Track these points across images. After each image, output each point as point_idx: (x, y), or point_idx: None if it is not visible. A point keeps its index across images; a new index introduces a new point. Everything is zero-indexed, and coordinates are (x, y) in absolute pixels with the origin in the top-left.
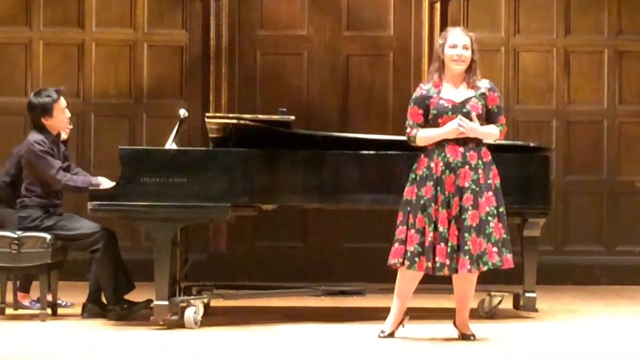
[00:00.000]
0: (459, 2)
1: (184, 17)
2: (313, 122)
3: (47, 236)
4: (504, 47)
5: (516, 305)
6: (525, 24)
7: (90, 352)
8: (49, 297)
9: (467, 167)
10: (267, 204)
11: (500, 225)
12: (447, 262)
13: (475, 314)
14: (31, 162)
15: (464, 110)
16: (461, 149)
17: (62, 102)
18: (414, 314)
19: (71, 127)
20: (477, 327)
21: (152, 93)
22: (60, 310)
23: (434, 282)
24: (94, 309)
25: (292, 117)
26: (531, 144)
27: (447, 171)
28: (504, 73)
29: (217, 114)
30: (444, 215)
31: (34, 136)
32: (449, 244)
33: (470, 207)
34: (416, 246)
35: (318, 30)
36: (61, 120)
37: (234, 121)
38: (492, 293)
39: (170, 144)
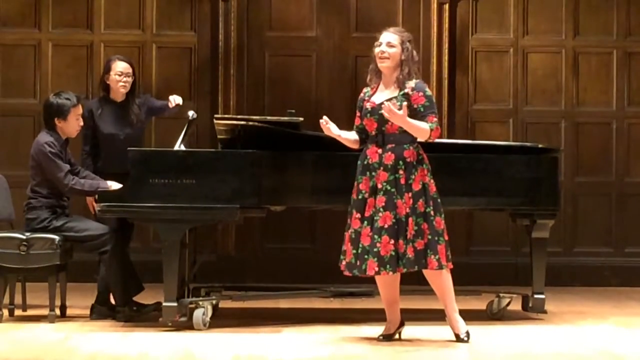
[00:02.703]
0: (468, 4)
1: (192, 19)
2: None
3: (56, 237)
4: (512, 48)
5: (525, 306)
6: (534, 25)
7: (99, 353)
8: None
9: (382, 168)
10: (276, 205)
11: (425, 226)
12: (358, 263)
13: (484, 315)
14: (40, 163)
15: (380, 111)
16: (379, 150)
17: (79, 109)
18: (421, 315)
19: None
20: (485, 329)
21: (160, 94)
22: (68, 312)
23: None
24: (102, 310)
25: (301, 119)
26: (540, 145)
27: (367, 172)
28: (513, 74)
29: (226, 116)
30: (355, 216)
31: (45, 137)
32: (360, 245)
33: (381, 209)
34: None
35: (327, 31)
36: (73, 126)
37: (243, 122)
38: (501, 294)
39: (179, 145)
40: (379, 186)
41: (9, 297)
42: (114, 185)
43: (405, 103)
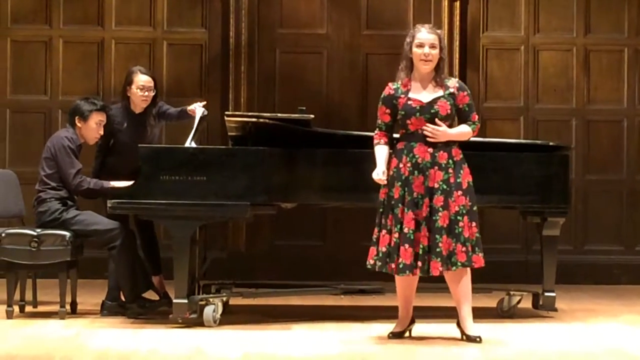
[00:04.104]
0: (479, 1)
1: (203, 16)
2: (332, 120)
3: (67, 234)
4: (523, 46)
5: (535, 304)
6: (545, 22)
7: (109, 350)
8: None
9: (436, 167)
10: (287, 202)
11: (473, 224)
12: (419, 264)
13: (494, 313)
14: (56, 155)
15: (432, 110)
16: (430, 150)
17: (101, 115)
18: (432, 312)
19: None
20: (495, 326)
21: (171, 91)
22: (79, 308)
23: (439, 280)
24: (113, 307)
25: (312, 116)
26: (551, 143)
27: (416, 172)
28: (524, 72)
29: (237, 113)
30: (410, 216)
31: (66, 132)
32: (420, 245)
33: (441, 208)
34: (387, 247)
35: (337, 28)
36: (92, 130)
37: (254, 120)
38: (511, 292)
39: (190, 142)
40: (436, 186)
41: (19, 294)
42: (118, 185)
43: (441, 114)
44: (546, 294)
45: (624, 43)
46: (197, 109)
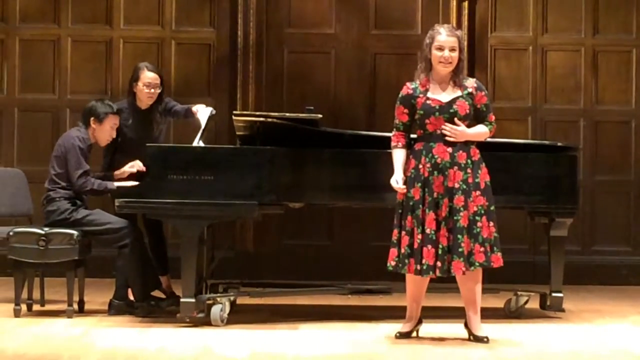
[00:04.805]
0: (487, 2)
1: (211, 15)
2: (340, 120)
3: (75, 232)
4: (531, 47)
5: (543, 305)
6: (554, 23)
7: (117, 349)
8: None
9: (456, 167)
10: (294, 202)
11: (490, 224)
12: (439, 264)
13: (501, 314)
14: (66, 154)
15: (451, 110)
16: (449, 149)
17: (116, 119)
18: (439, 312)
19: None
20: (503, 327)
21: (179, 90)
22: (86, 307)
23: (446, 281)
24: (120, 305)
25: (320, 115)
26: (559, 144)
27: (435, 172)
28: (532, 72)
29: (245, 112)
30: (431, 217)
31: (78, 132)
32: (440, 246)
33: (461, 208)
34: (406, 248)
35: (345, 28)
36: (106, 132)
37: (261, 119)
38: (519, 293)
39: (198, 142)
40: (456, 186)
41: (27, 292)
42: (123, 185)
43: (460, 114)
44: (553, 294)
45: (633, 44)
46: (200, 109)
